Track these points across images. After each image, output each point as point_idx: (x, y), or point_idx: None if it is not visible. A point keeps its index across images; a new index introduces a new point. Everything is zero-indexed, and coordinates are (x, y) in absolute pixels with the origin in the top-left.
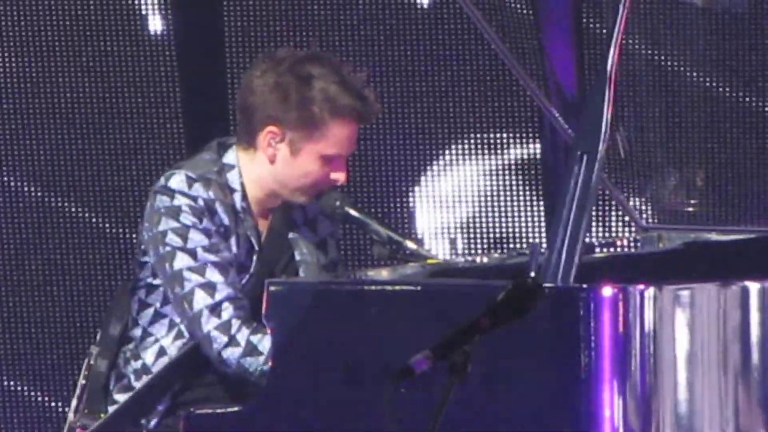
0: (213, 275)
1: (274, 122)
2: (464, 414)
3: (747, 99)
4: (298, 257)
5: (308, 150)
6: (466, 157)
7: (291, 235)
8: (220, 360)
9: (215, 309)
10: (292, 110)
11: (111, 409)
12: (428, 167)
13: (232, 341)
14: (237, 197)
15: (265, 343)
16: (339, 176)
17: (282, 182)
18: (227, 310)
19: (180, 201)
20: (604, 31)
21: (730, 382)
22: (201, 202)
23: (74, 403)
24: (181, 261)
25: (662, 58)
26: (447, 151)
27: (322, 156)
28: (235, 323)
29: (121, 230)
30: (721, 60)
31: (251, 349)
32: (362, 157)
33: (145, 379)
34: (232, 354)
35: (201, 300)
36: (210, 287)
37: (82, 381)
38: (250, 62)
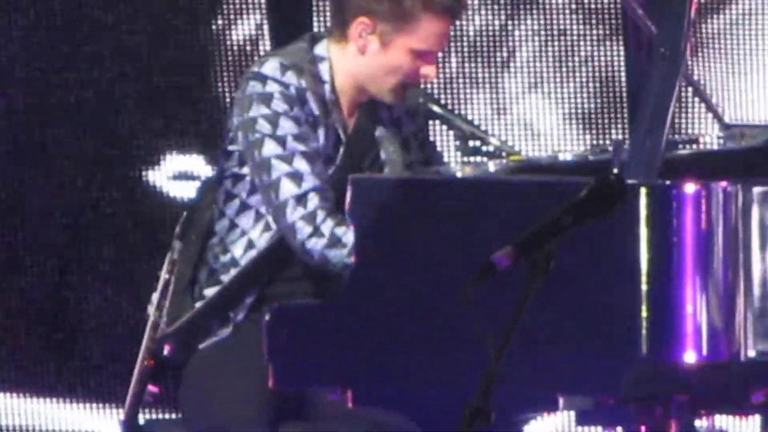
0: (301, 165)
1: (365, 13)
2: (544, 309)
3: None
4: (383, 156)
5: (398, 43)
6: (548, 55)
7: (377, 133)
8: (303, 250)
9: (301, 199)
10: (385, 2)
11: (197, 303)
12: (510, 64)
13: (316, 232)
14: (326, 88)
15: (349, 236)
16: (428, 71)
17: (371, 75)
18: (313, 201)
19: (272, 87)
20: None
21: None
22: (293, 90)
23: (156, 297)
24: (270, 148)
25: None
26: (527, 49)
27: (412, 50)
28: (321, 214)
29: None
30: None
31: (335, 241)
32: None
33: (233, 272)
34: (315, 245)
35: (287, 189)
36: (297, 177)
37: (165, 275)
38: None
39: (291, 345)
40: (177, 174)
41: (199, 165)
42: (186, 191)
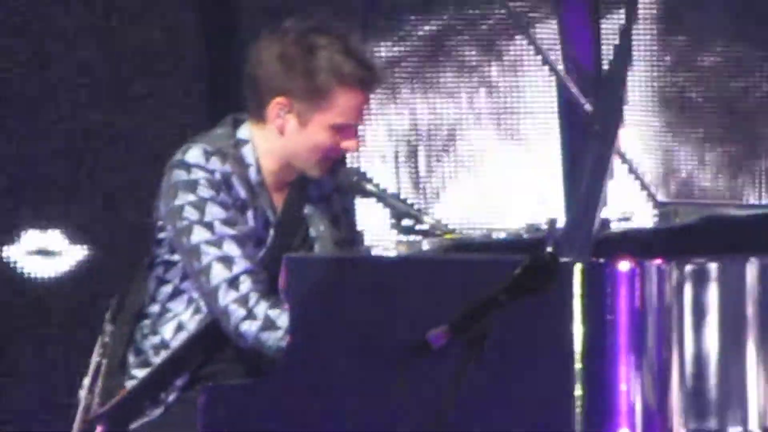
0: (230, 248)
1: (281, 93)
2: (477, 386)
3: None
4: (313, 233)
5: (316, 120)
6: (483, 128)
7: (307, 210)
8: (237, 334)
9: (233, 282)
10: (298, 81)
11: (129, 384)
12: (444, 139)
13: (249, 315)
14: (252, 171)
15: (283, 318)
16: (349, 145)
17: (293, 153)
18: (245, 284)
19: (197, 174)
20: (621, 5)
21: (749, 357)
22: (218, 176)
23: (87, 381)
24: (199, 235)
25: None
26: (463, 122)
27: (330, 126)
28: (253, 297)
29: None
30: (741, 33)
31: (269, 324)
32: (380, 132)
33: (163, 354)
34: (249, 328)
35: (219, 273)
36: (227, 261)
37: (96, 359)
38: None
39: (226, 425)
40: (35, 250)
41: (56, 240)
42: (43, 267)
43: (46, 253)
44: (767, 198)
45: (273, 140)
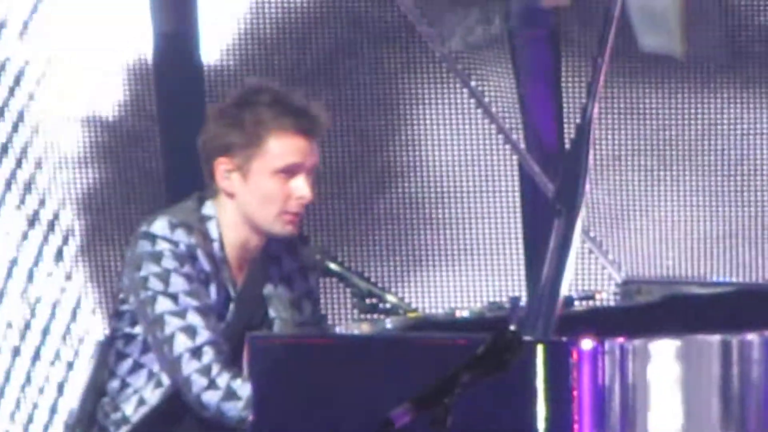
0: (194, 319)
1: (221, 152)
2: None
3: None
4: (273, 314)
5: (256, 169)
6: (446, 208)
7: (267, 291)
8: (199, 403)
9: (196, 352)
10: (233, 134)
11: None
12: (409, 219)
13: (212, 385)
14: (215, 246)
15: (244, 389)
16: (300, 190)
17: (250, 214)
18: (208, 354)
19: (162, 246)
20: (583, 84)
21: None
22: (183, 248)
23: None
24: (163, 305)
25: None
26: (427, 201)
27: (272, 171)
28: (216, 367)
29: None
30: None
31: (231, 394)
32: (344, 214)
33: (124, 429)
34: (211, 398)
35: (182, 343)
36: (191, 331)
37: None
38: None
39: None
40: None
41: None
42: None
43: None
44: (730, 276)
45: (230, 210)
